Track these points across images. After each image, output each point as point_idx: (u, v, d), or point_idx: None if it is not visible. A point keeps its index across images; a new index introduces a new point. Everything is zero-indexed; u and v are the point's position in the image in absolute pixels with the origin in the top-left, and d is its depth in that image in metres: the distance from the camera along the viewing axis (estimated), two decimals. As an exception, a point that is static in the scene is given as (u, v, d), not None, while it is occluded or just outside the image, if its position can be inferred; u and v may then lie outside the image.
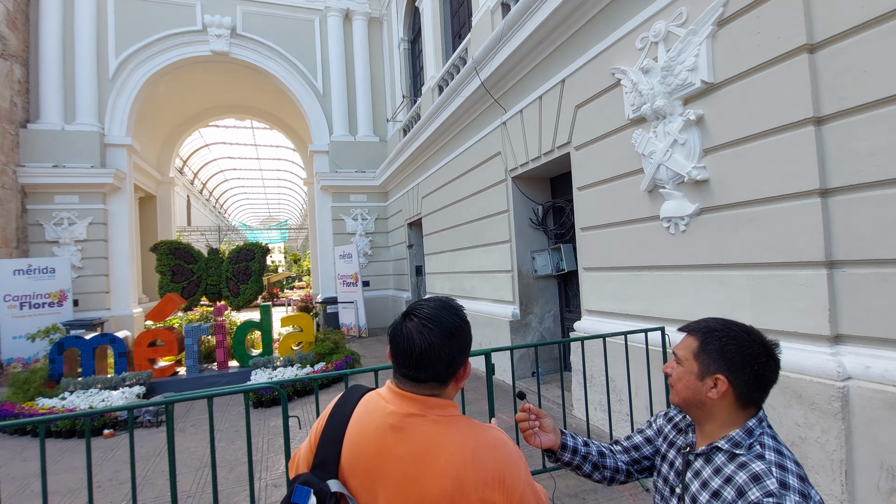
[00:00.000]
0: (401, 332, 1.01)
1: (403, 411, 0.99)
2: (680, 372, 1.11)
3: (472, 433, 0.98)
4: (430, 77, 8.83)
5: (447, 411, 1.01)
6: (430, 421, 0.98)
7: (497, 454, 0.96)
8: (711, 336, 1.07)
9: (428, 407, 0.99)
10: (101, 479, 3.87)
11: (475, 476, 0.92)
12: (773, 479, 0.93)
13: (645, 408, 3.59)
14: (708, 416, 1.08)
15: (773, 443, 1.02)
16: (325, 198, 12.35)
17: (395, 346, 1.01)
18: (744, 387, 1.03)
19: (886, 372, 2.22)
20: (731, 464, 1.01)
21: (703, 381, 1.06)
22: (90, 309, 9.76)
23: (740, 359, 1.03)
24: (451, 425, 0.98)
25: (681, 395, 1.10)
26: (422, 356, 0.98)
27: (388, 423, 0.98)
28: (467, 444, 0.95)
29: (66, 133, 9.83)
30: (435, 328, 0.98)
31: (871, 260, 2.32)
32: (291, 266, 42.56)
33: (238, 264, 8.59)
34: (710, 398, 1.05)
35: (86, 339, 6.33)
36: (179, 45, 10.94)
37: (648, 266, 3.72)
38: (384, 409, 1.01)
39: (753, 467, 0.97)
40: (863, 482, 2.29)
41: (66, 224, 9.74)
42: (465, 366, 1.04)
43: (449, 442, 0.95)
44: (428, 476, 0.93)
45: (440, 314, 1.01)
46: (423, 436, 0.96)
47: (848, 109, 2.36)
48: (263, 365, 6.78)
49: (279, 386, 2.49)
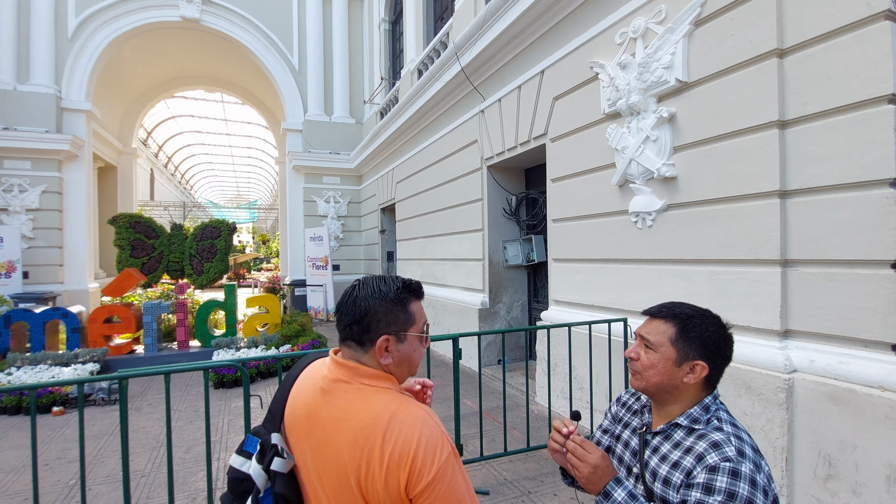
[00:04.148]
0: (346, 291, 1.06)
1: (333, 376, 1.00)
2: (653, 358, 1.10)
3: (393, 406, 0.95)
4: (410, 60, 8.69)
5: (376, 382, 0.99)
6: (355, 388, 0.98)
7: (412, 432, 0.90)
8: (690, 322, 1.09)
9: (356, 375, 0.99)
10: (48, 458, 3.71)
11: (382, 450, 0.89)
12: (731, 446, 0.99)
13: (605, 395, 3.70)
14: (675, 398, 1.10)
15: (728, 416, 1.08)
16: (297, 178, 12.06)
17: (338, 304, 1.05)
18: (717, 370, 1.08)
19: (829, 366, 2.36)
20: (691, 437, 1.05)
21: (681, 367, 1.08)
22: (42, 282, 9.28)
23: (716, 346, 1.08)
24: (374, 395, 0.97)
25: (651, 381, 1.10)
26: (343, 307, 1.02)
27: (318, 387, 1.01)
28: (383, 415, 0.93)
29: (19, 93, 9.22)
30: (368, 287, 1.02)
31: (822, 260, 2.44)
32: (260, 247, 41.55)
33: (203, 242, 8.30)
34: (684, 383, 1.08)
35: (35, 312, 6.02)
36: (147, 7, 10.36)
37: (615, 259, 3.80)
38: (321, 372, 1.04)
39: (713, 436, 1.01)
40: (802, 468, 2.44)
41: (16, 191, 9.18)
42: (386, 339, 1.00)
43: (366, 411, 0.94)
44: (342, 442, 0.93)
45: (381, 281, 1.04)
46: (344, 402, 0.97)
47: (810, 115, 2.45)
48: (226, 345, 6.62)
49: (241, 364, 2.44)
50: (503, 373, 3.39)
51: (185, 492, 3.13)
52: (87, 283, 9.88)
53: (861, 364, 2.25)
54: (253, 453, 1.03)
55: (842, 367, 2.31)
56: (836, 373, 2.32)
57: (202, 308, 6.99)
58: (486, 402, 4.60)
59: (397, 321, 1.01)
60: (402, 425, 0.91)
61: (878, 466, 2.14)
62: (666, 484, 1.04)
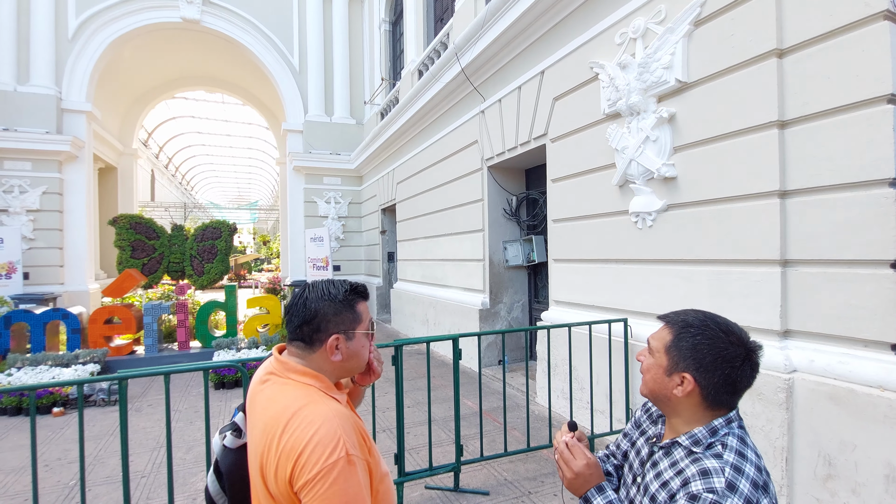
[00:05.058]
0: (295, 294, 1.13)
1: (270, 368, 1.10)
2: (650, 363, 1.06)
3: (302, 401, 0.99)
4: (411, 61, 8.70)
5: (300, 378, 1.05)
6: (280, 382, 1.05)
7: (309, 428, 0.93)
8: (686, 331, 1.01)
9: (285, 369, 1.06)
10: (49, 458, 3.72)
11: (279, 441, 0.94)
12: (721, 478, 0.89)
13: (605, 396, 3.70)
14: (673, 411, 1.04)
15: (738, 444, 0.96)
16: (298, 179, 12.06)
17: (287, 306, 1.12)
18: (712, 388, 0.97)
19: (828, 366, 2.36)
20: (687, 459, 0.97)
21: (671, 377, 1.01)
22: (42, 283, 9.27)
23: (712, 360, 0.96)
24: (292, 389, 1.03)
25: (648, 387, 1.07)
26: (292, 309, 1.09)
27: (259, 377, 1.11)
28: (290, 408, 0.98)
29: (19, 94, 9.22)
30: (317, 290, 1.10)
31: (822, 260, 2.44)
32: (260, 248, 41.55)
33: (203, 242, 8.30)
34: (674, 395, 1.00)
35: (36, 313, 6.02)
36: (147, 8, 10.36)
37: (615, 259, 3.80)
38: (264, 366, 1.13)
39: (706, 463, 0.93)
40: (801, 468, 2.44)
41: (16, 192, 9.18)
42: (337, 338, 1.07)
43: (280, 402, 1.00)
44: (257, 428, 1.02)
45: (330, 284, 1.12)
46: (269, 392, 1.05)
47: (810, 115, 2.45)
48: (227, 346, 6.62)
49: (241, 365, 2.44)
50: (503, 373, 3.38)
51: (185, 492, 3.13)
52: (88, 284, 9.88)
53: (861, 364, 2.25)
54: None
55: (842, 367, 2.31)
56: (836, 373, 2.32)
57: (203, 309, 6.99)
58: (487, 403, 4.59)
59: (346, 321, 1.09)
60: (302, 420, 0.95)
61: (877, 466, 2.14)
62: (652, 501, 0.99)
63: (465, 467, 3.24)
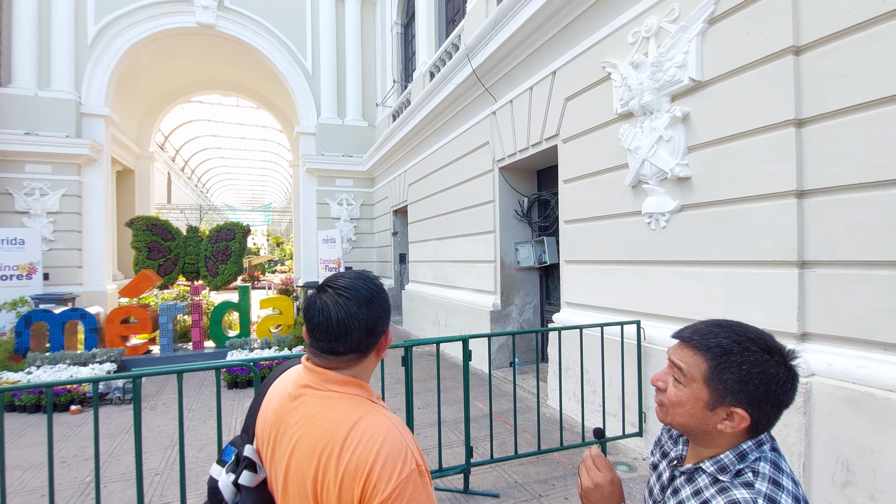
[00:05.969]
0: (315, 304, 0.95)
1: (302, 381, 0.96)
2: (682, 395, 0.89)
3: (357, 414, 0.89)
4: (422, 62, 8.73)
5: (344, 388, 0.94)
6: (321, 395, 0.93)
7: (373, 443, 0.84)
8: (727, 360, 0.85)
9: (324, 380, 0.94)
10: (66, 455, 3.79)
11: (339, 460, 0.84)
12: None
13: (617, 399, 3.66)
14: (708, 443, 0.90)
15: (772, 471, 0.83)
16: (311, 181, 12.17)
17: (310, 319, 0.95)
18: (763, 417, 0.85)
19: (847, 369, 2.30)
20: (713, 488, 0.84)
21: (714, 412, 0.86)
22: (61, 283, 9.47)
23: (764, 391, 0.83)
24: (339, 402, 0.92)
25: (677, 421, 0.91)
26: (339, 327, 0.92)
27: (287, 393, 0.97)
28: (344, 423, 0.87)
29: (40, 99, 9.45)
30: (351, 296, 0.94)
31: (840, 261, 2.38)
32: (274, 249, 41.99)
33: (218, 244, 8.41)
34: (718, 430, 0.86)
35: (55, 313, 6.15)
36: (164, 14, 10.56)
37: (628, 260, 3.76)
38: (293, 380, 0.99)
39: (734, 494, 0.80)
40: (819, 474, 2.38)
41: (37, 194, 9.40)
42: (385, 334, 1.00)
43: (328, 418, 0.89)
44: (302, 449, 0.89)
45: (355, 283, 0.98)
46: (309, 408, 0.92)
47: (828, 113, 2.40)
48: (240, 346, 6.70)
49: (253, 364, 2.46)
50: (514, 375, 3.37)
51: (198, 490, 3.16)
52: (105, 285, 10.08)
53: (880, 367, 2.19)
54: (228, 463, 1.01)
55: (860, 371, 2.25)
56: (855, 376, 2.26)
57: (217, 309, 7.08)
58: (497, 405, 4.57)
59: (387, 311, 1.03)
60: (362, 435, 0.86)
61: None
62: None
63: (474, 469, 3.23)
